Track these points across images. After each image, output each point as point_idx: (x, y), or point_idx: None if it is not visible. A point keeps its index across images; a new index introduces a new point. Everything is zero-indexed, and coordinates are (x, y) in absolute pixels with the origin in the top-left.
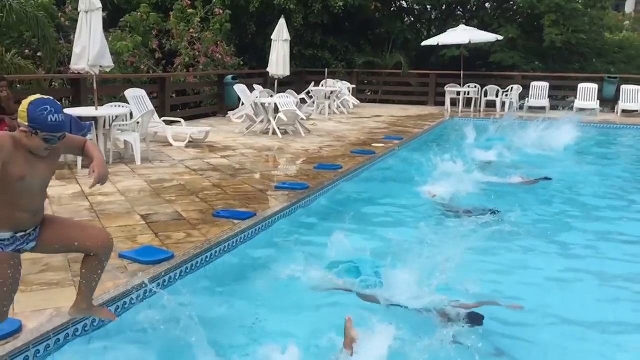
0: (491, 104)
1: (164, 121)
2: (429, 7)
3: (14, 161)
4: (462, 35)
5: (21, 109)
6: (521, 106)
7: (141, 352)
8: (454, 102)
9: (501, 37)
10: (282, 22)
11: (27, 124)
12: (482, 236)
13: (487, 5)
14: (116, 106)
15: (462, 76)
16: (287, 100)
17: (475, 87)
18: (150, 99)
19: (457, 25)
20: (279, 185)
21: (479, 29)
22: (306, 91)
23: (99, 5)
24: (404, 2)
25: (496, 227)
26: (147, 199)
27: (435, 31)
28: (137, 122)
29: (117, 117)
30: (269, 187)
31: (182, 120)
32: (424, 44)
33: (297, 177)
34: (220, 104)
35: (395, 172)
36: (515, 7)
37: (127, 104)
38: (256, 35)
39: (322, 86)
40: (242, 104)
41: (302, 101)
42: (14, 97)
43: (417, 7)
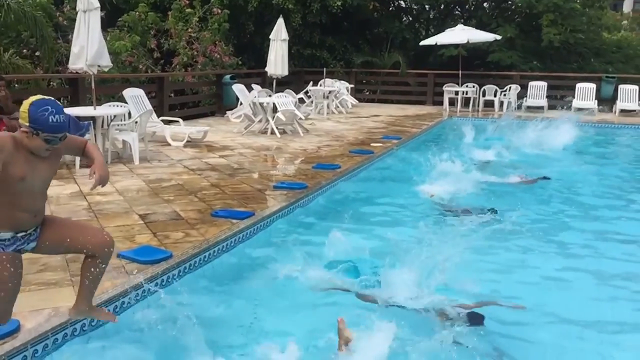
0: (489, 104)
1: (162, 121)
2: (427, 6)
3: (14, 162)
4: (460, 34)
5: (22, 109)
6: (519, 106)
7: (139, 352)
8: (452, 102)
9: (499, 37)
10: (281, 22)
11: (28, 124)
12: (481, 236)
13: (485, 4)
14: (114, 106)
15: (460, 76)
16: (285, 99)
17: (473, 86)
18: (148, 99)
19: (455, 24)
20: (277, 184)
21: (477, 28)
22: (304, 91)
23: (97, 4)
24: (402, 2)
25: (495, 226)
26: (145, 199)
27: (433, 31)
28: (136, 122)
29: (115, 116)
30: (267, 186)
31: (180, 119)
32: (422, 43)
33: (296, 176)
34: (218, 104)
35: (393, 171)
36: (513, 7)
37: (126, 103)
38: (254, 34)
39: (321, 86)
40: (241, 104)
41: (301, 101)
42: (11, 97)
43: (415, 7)
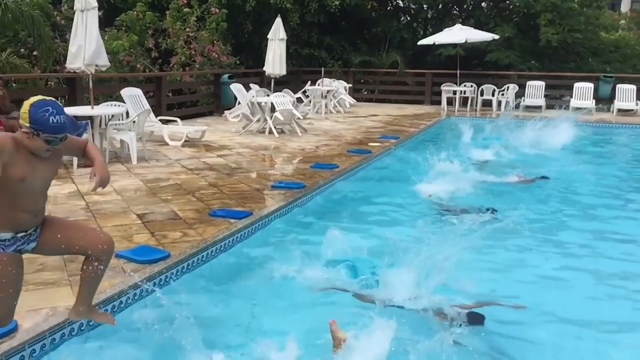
0: (487, 103)
1: (160, 120)
2: (425, 6)
3: (14, 163)
4: (458, 34)
5: (23, 110)
6: (517, 105)
7: (137, 351)
8: (450, 101)
9: (497, 36)
10: (279, 21)
11: (28, 125)
12: (479, 235)
13: (483, 4)
14: (112, 105)
15: (459, 75)
16: (283, 99)
17: (471, 86)
18: (146, 98)
19: (454, 24)
20: (275, 184)
21: (475, 28)
22: (302, 90)
23: (95, 4)
24: (400, 1)
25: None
26: (143, 198)
27: (431, 30)
28: (133, 121)
29: (113, 116)
30: (265, 186)
31: (178, 119)
32: (420, 43)
33: (294, 176)
34: (216, 103)
35: (391, 171)
36: (511, 7)
37: (123, 103)
38: (252, 34)
39: (319, 85)
40: (239, 103)
41: (299, 100)
42: (9, 96)
43: (413, 6)
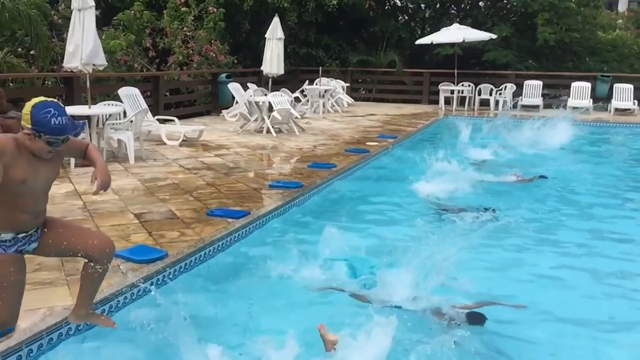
0: (485, 103)
1: (158, 120)
2: (422, 5)
3: (16, 164)
4: (456, 33)
5: (24, 111)
6: (515, 105)
7: (134, 351)
8: (448, 101)
9: (495, 36)
10: (276, 21)
11: (30, 126)
12: (477, 235)
13: (480, 3)
14: (109, 105)
15: (456, 75)
16: (281, 98)
17: (469, 85)
18: (143, 98)
19: (451, 23)
20: (273, 183)
21: (472, 27)
22: (300, 90)
23: (92, 3)
24: (397, 1)
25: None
26: (140, 198)
27: (429, 30)
28: (131, 121)
29: (110, 115)
30: (263, 185)
31: (175, 118)
32: (418, 42)
33: (291, 175)
34: (214, 103)
35: (389, 170)
36: (508, 6)
37: (121, 102)
38: (250, 33)
39: (316, 85)
40: (236, 103)
41: (296, 100)
42: (6, 96)
43: (411, 6)
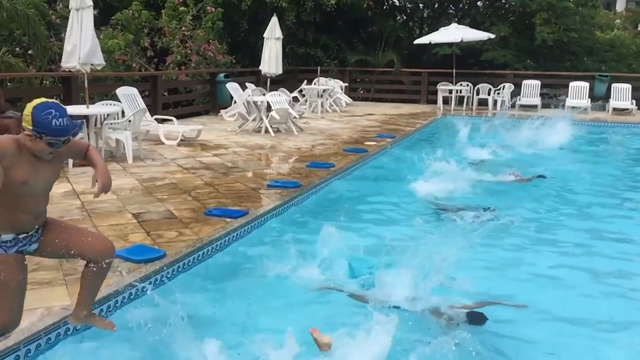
0: (483, 102)
1: (156, 119)
2: (421, 5)
3: (16, 165)
4: (454, 33)
5: (25, 112)
6: (513, 104)
7: (132, 351)
8: (446, 100)
9: (493, 36)
10: (275, 20)
11: (31, 127)
12: (475, 234)
13: (479, 3)
14: (107, 104)
15: (454, 74)
16: (279, 98)
17: (467, 85)
18: (142, 97)
19: (449, 23)
20: (272, 183)
21: (471, 27)
22: (299, 89)
23: (90, 2)
24: (396, 1)
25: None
26: (138, 198)
27: (427, 29)
28: (129, 121)
29: (108, 115)
30: (261, 185)
31: (174, 118)
32: (417, 42)
33: (290, 175)
34: (212, 102)
35: (387, 170)
36: (507, 6)
37: (119, 102)
38: (248, 33)
39: (315, 84)
40: (235, 102)
41: (295, 99)
42: (4, 95)
43: (409, 6)
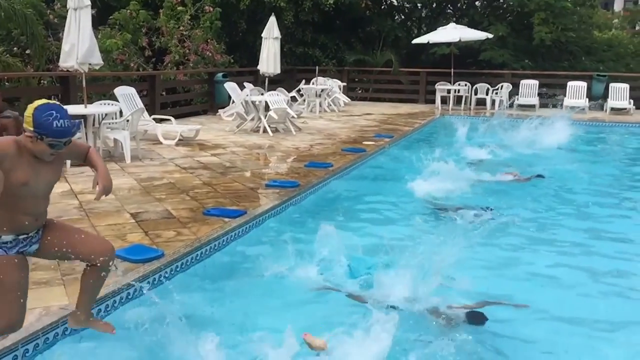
0: (481, 102)
1: (154, 119)
2: (419, 5)
3: (17, 167)
4: (452, 33)
5: (26, 113)
6: (511, 104)
7: (130, 351)
8: (445, 100)
9: (491, 35)
10: (273, 20)
11: (32, 129)
12: (474, 234)
13: (477, 3)
14: (105, 104)
15: (453, 74)
16: (277, 98)
17: (465, 85)
18: (140, 97)
19: (448, 23)
20: (270, 183)
21: (469, 27)
22: (297, 89)
23: (88, 2)
24: (394, 0)
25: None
26: (136, 198)
27: (425, 29)
28: (127, 120)
29: (106, 115)
30: (259, 185)
31: (172, 118)
32: (415, 41)
33: (288, 175)
34: (210, 102)
35: (385, 170)
36: (505, 5)
37: (117, 101)
38: (246, 33)
39: (313, 84)
40: (233, 102)
41: (293, 99)
42: (1, 95)
43: (407, 5)
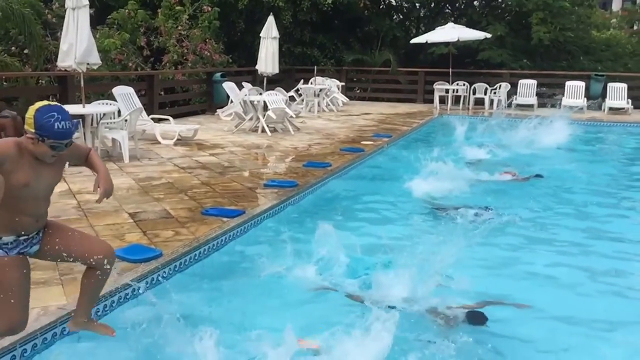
0: (480, 102)
1: (152, 119)
2: (417, 4)
3: (18, 169)
4: (450, 33)
5: (28, 115)
6: (509, 104)
7: (129, 351)
8: (443, 100)
9: (489, 35)
10: (271, 20)
11: (33, 130)
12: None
13: (475, 3)
14: (104, 104)
15: (451, 74)
16: (276, 97)
17: (463, 84)
18: (138, 97)
19: (446, 23)
20: (268, 182)
21: (467, 26)
22: (295, 89)
23: (86, 2)
24: (392, 0)
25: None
26: (135, 197)
27: (424, 29)
28: (125, 120)
29: (104, 114)
30: (258, 184)
31: (170, 118)
32: (413, 41)
33: (286, 174)
34: (209, 102)
35: (384, 169)
36: (503, 5)
37: (115, 101)
38: (245, 32)
39: (311, 84)
40: (231, 102)
41: (291, 99)
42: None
43: (405, 5)
